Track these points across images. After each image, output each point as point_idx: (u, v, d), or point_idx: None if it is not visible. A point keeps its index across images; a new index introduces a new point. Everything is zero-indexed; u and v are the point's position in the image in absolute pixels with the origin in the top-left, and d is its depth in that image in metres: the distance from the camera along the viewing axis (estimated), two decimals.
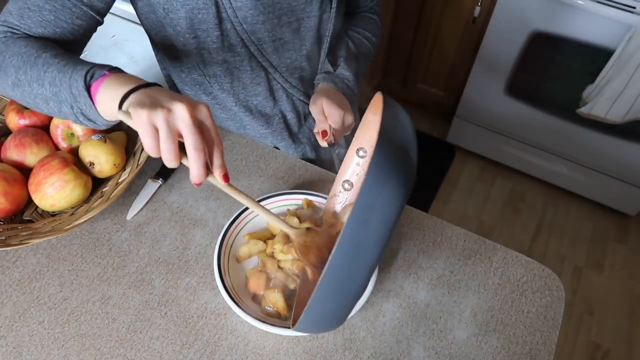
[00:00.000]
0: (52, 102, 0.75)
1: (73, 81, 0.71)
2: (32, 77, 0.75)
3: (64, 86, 0.72)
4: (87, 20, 0.84)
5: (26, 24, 0.80)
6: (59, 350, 0.78)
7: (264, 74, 1.04)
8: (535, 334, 0.81)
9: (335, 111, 0.94)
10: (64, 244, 0.90)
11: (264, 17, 0.93)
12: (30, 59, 0.76)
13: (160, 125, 0.62)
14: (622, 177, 2.08)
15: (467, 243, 0.92)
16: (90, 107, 0.71)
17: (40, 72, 0.74)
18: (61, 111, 0.75)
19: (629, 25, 1.60)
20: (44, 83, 0.74)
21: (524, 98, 2.06)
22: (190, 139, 0.62)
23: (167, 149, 0.62)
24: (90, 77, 0.71)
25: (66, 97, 0.72)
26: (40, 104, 0.77)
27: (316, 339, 0.80)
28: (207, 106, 0.65)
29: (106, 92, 0.69)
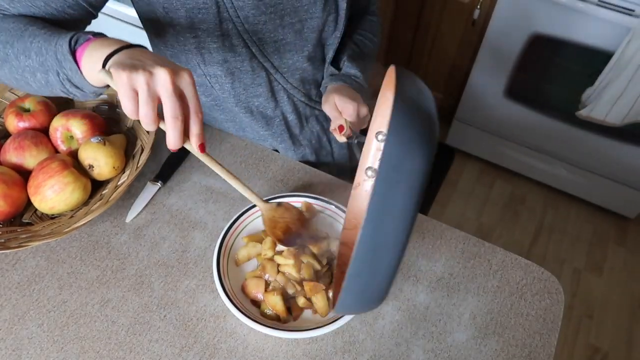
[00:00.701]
0: (39, 73, 0.74)
1: (58, 47, 0.71)
2: (19, 49, 0.74)
3: (50, 54, 0.72)
4: (78, 11, 0.83)
5: (15, 7, 0.80)
6: (58, 352, 0.77)
7: (265, 74, 1.04)
8: (534, 336, 0.81)
9: (349, 104, 0.94)
10: (63, 247, 0.90)
11: (265, 17, 0.93)
12: (17, 32, 0.75)
13: (140, 89, 0.62)
14: (622, 179, 2.08)
15: (467, 246, 0.92)
16: (76, 72, 0.71)
17: (27, 44, 0.74)
18: (48, 81, 0.75)
19: (628, 28, 1.60)
20: (31, 54, 0.73)
21: (523, 100, 2.06)
22: (169, 106, 0.63)
23: (145, 113, 0.63)
24: (75, 41, 0.71)
25: (52, 64, 0.72)
26: (28, 77, 0.76)
27: (315, 342, 0.80)
28: (189, 73, 0.65)
29: (91, 55, 0.69)
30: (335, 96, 0.96)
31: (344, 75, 1.04)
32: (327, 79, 1.06)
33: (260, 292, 0.81)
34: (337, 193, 0.95)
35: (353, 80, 1.03)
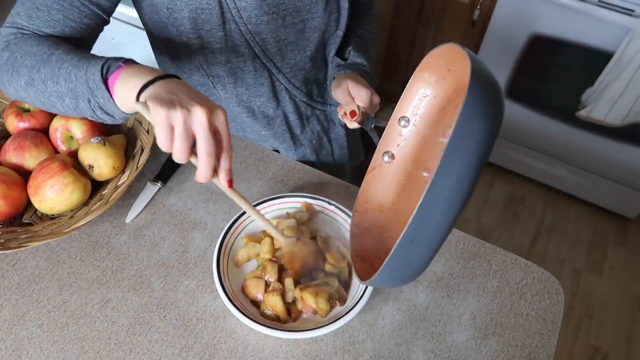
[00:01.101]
0: (68, 99, 0.75)
1: (90, 75, 0.71)
2: (47, 74, 0.75)
3: (80, 81, 0.72)
4: (94, 19, 0.84)
5: (35, 24, 0.80)
6: (58, 353, 0.77)
7: (268, 74, 1.04)
8: (534, 337, 0.81)
9: (363, 90, 0.93)
10: (63, 247, 0.90)
11: (268, 17, 0.93)
12: (43, 57, 0.76)
13: (177, 125, 0.63)
14: (622, 179, 2.08)
15: (467, 246, 0.92)
16: (109, 100, 0.71)
17: (55, 69, 0.74)
18: (77, 107, 0.76)
19: (628, 28, 1.60)
20: (59, 80, 0.74)
21: (523, 101, 2.06)
22: (204, 145, 0.64)
23: (179, 148, 0.64)
24: (107, 69, 0.72)
25: (83, 92, 0.73)
26: (55, 102, 0.77)
27: (315, 342, 0.80)
28: (224, 112, 0.67)
29: (124, 84, 0.70)
30: (349, 82, 0.95)
31: (351, 64, 1.04)
32: (334, 70, 1.06)
33: (260, 292, 0.81)
34: (337, 193, 0.95)
35: (361, 69, 1.03)
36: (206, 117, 0.64)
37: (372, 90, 0.96)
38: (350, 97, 0.95)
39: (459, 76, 0.71)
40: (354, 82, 0.94)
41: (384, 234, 0.80)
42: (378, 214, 0.84)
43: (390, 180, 0.84)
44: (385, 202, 0.84)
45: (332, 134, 1.21)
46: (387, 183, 0.84)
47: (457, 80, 0.71)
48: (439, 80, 0.75)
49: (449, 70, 0.72)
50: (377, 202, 0.84)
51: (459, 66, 0.68)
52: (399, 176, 0.83)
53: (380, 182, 0.84)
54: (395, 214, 0.82)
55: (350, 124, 0.95)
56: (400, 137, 0.83)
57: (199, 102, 0.64)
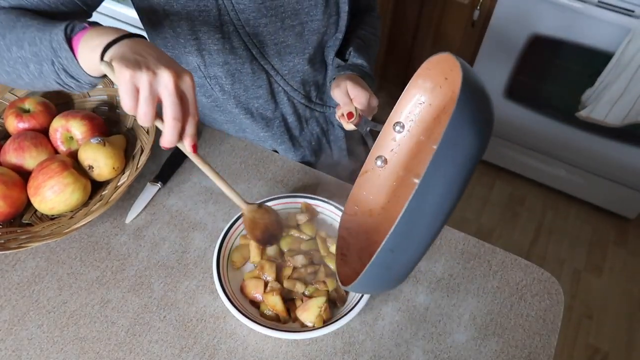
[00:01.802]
0: (33, 64, 0.73)
1: (53, 35, 0.70)
2: (11, 40, 0.73)
3: (44, 43, 0.71)
4: (71, 8, 0.82)
5: (8, 1, 0.79)
6: (57, 353, 0.77)
7: (266, 76, 1.04)
8: (534, 337, 0.81)
9: (362, 93, 0.93)
10: (63, 248, 0.90)
11: (266, 19, 0.93)
12: (9, 24, 0.74)
13: (142, 87, 0.62)
14: (621, 180, 2.08)
15: (466, 246, 0.92)
16: (72, 60, 0.70)
17: (19, 34, 0.73)
18: (42, 72, 0.74)
19: (627, 28, 1.60)
20: (23, 44, 0.73)
21: (523, 101, 2.06)
22: (170, 108, 0.63)
23: (144, 111, 0.63)
24: (71, 30, 0.70)
25: (47, 54, 0.71)
26: (20, 69, 0.75)
27: (315, 343, 0.80)
28: (191, 76, 0.66)
29: (87, 43, 0.68)
30: (349, 83, 0.95)
31: (351, 65, 1.04)
32: (334, 71, 1.06)
33: (259, 292, 0.81)
34: (337, 194, 0.95)
35: (361, 70, 1.03)
36: (173, 80, 0.62)
37: (371, 92, 0.95)
38: (348, 99, 0.94)
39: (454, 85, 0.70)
40: (353, 84, 0.94)
41: (371, 239, 0.80)
42: (367, 217, 0.84)
43: (382, 185, 0.84)
44: (375, 206, 0.84)
45: (332, 136, 1.21)
46: (378, 187, 0.84)
47: (453, 88, 0.71)
48: (435, 88, 0.75)
49: (445, 79, 0.72)
50: (367, 206, 0.84)
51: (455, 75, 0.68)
52: (390, 181, 0.83)
53: (371, 186, 0.84)
54: (384, 218, 0.82)
55: (347, 125, 0.95)
56: (394, 143, 0.83)
57: (166, 64, 0.63)
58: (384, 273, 0.60)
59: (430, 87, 0.75)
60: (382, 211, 0.83)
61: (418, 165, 0.79)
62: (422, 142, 0.79)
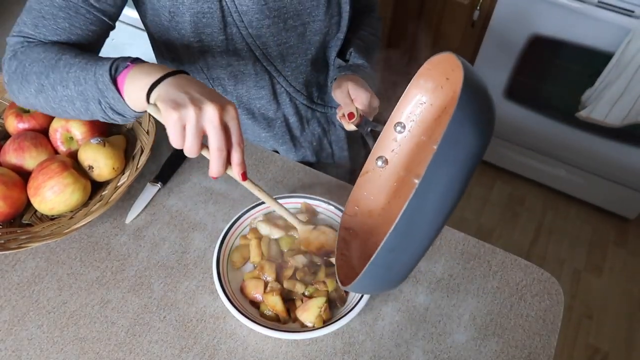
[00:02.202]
0: (78, 102, 0.75)
1: (98, 76, 0.72)
2: (55, 80, 0.75)
3: (89, 83, 0.73)
4: (100, 26, 0.84)
5: (41, 32, 0.80)
6: (57, 354, 0.77)
7: (268, 77, 1.04)
8: (534, 337, 0.81)
9: (363, 93, 0.94)
10: (63, 248, 0.90)
11: (269, 21, 0.93)
12: (50, 62, 0.76)
13: (189, 124, 0.64)
14: (621, 180, 2.08)
15: (466, 247, 0.92)
16: (119, 100, 0.72)
17: (63, 74, 0.75)
18: (88, 109, 0.76)
19: (627, 29, 1.60)
20: (68, 84, 0.74)
21: (523, 101, 2.06)
22: (215, 141, 0.65)
23: (191, 145, 0.65)
24: (115, 69, 0.72)
25: (93, 94, 0.73)
26: (66, 106, 0.77)
27: (315, 343, 0.80)
28: (234, 107, 0.67)
29: (133, 82, 0.70)
30: (350, 83, 0.96)
31: (352, 66, 1.04)
32: (335, 71, 1.06)
33: (259, 292, 0.81)
34: (337, 194, 0.95)
35: (362, 70, 1.03)
36: (217, 114, 0.64)
37: (372, 93, 0.96)
38: (349, 99, 0.95)
39: (456, 85, 0.70)
40: (355, 84, 0.95)
41: (371, 239, 0.80)
42: (367, 218, 0.84)
43: (382, 186, 0.84)
44: (375, 207, 0.84)
45: (333, 136, 1.21)
46: (378, 188, 0.84)
47: (454, 89, 0.71)
48: (436, 88, 0.75)
49: (447, 79, 0.72)
50: (368, 207, 0.84)
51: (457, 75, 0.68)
52: (391, 182, 0.83)
53: (372, 186, 0.84)
54: (384, 219, 0.82)
55: (348, 125, 0.95)
56: (395, 143, 0.83)
57: (210, 99, 0.65)
58: (384, 273, 0.60)
59: (431, 87, 0.75)
60: (382, 212, 0.83)
61: (419, 166, 0.79)
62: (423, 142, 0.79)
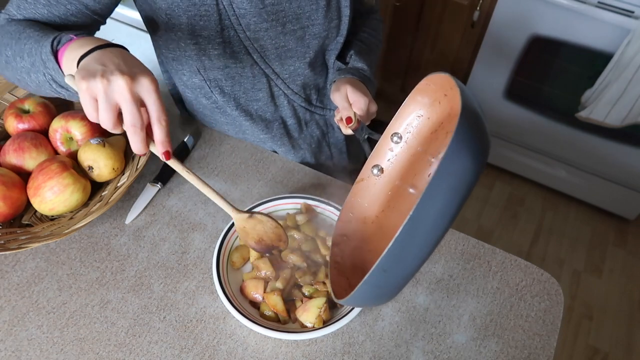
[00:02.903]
0: (32, 74, 0.76)
1: (42, 48, 0.72)
2: (16, 51, 0.76)
3: (37, 55, 0.73)
4: (82, 18, 0.84)
5: (21, 14, 0.82)
6: (57, 354, 0.77)
7: (266, 80, 1.04)
8: (534, 338, 0.81)
9: (361, 98, 0.93)
10: (62, 248, 0.90)
11: (267, 24, 0.93)
12: (16, 34, 0.78)
13: (98, 97, 0.62)
14: (621, 181, 2.08)
15: (466, 247, 0.92)
16: (58, 72, 0.72)
17: (22, 45, 0.76)
18: (39, 82, 0.76)
19: (627, 29, 1.60)
20: (24, 55, 0.75)
21: (522, 102, 2.06)
22: (126, 115, 0.63)
23: (104, 119, 0.63)
24: (58, 42, 0.72)
25: (39, 65, 0.73)
26: (25, 78, 0.78)
27: (315, 343, 0.80)
28: (150, 78, 0.64)
29: (69, 55, 0.69)
30: (349, 87, 0.95)
31: (352, 69, 1.04)
32: (334, 74, 1.06)
33: (259, 293, 0.81)
34: (337, 194, 0.95)
35: (361, 74, 1.03)
36: (127, 86, 0.61)
37: (370, 98, 0.96)
38: (347, 103, 0.94)
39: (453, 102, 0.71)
40: (353, 88, 0.94)
41: (364, 247, 0.81)
42: (361, 225, 0.84)
43: (377, 194, 0.84)
44: (369, 214, 0.84)
45: (331, 139, 1.21)
46: (373, 196, 0.84)
47: (452, 105, 0.72)
48: (434, 103, 0.76)
49: (445, 95, 0.72)
50: (362, 214, 0.84)
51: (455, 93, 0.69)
52: (385, 190, 0.84)
53: (366, 194, 0.85)
54: (378, 227, 0.82)
55: (345, 130, 0.95)
56: (391, 153, 0.83)
57: (122, 71, 0.62)
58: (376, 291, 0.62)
59: (428, 102, 0.76)
60: (376, 220, 0.83)
61: (414, 176, 0.79)
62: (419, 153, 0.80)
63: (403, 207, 0.79)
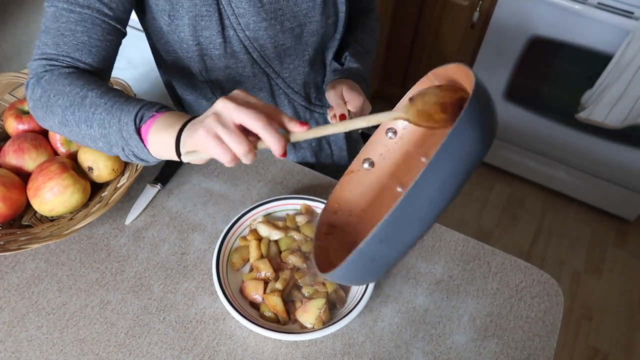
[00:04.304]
0: (101, 142, 0.75)
1: (123, 125, 0.71)
2: (80, 118, 0.75)
3: (114, 129, 0.72)
4: (115, 34, 0.84)
5: (63, 50, 0.80)
6: (57, 355, 0.77)
7: (266, 79, 1.04)
8: (534, 339, 0.81)
9: (356, 97, 0.95)
10: (62, 249, 0.90)
11: (266, 23, 0.93)
12: (76, 99, 0.75)
13: (218, 131, 0.61)
14: (621, 182, 2.08)
15: (466, 248, 0.92)
16: (142, 150, 0.71)
17: (89, 114, 0.74)
18: (111, 151, 0.76)
19: (627, 30, 1.60)
20: (93, 125, 0.74)
21: (522, 103, 2.07)
22: (247, 117, 0.61)
23: (236, 144, 0.61)
24: (140, 119, 0.71)
25: (117, 140, 0.73)
26: (89, 143, 0.77)
27: (315, 344, 0.80)
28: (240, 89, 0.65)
29: (158, 137, 0.69)
30: (344, 86, 0.97)
31: (347, 70, 1.05)
32: (330, 74, 1.06)
33: (259, 293, 0.81)
34: None
35: (356, 75, 1.04)
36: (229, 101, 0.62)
37: (365, 98, 0.97)
38: (342, 101, 0.96)
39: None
40: (349, 87, 0.96)
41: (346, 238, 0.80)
42: (347, 217, 0.84)
43: (365, 188, 0.84)
44: (355, 207, 0.84)
45: (332, 137, 1.21)
46: (361, 189, 0.84)
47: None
48: None
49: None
50: (348, 206, 0.84)
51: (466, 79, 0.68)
52: (374, 185, 0.83)
53: (355, 186, 0.84)
54: (361, 220, 0.82)
55: None
56: (384, 148, 0.83)
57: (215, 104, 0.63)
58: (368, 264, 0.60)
59: None
60: (361, 213, 0.83)
61: (404, 175, 0.79)
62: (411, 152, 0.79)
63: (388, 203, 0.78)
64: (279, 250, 0.87)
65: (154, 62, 1.13)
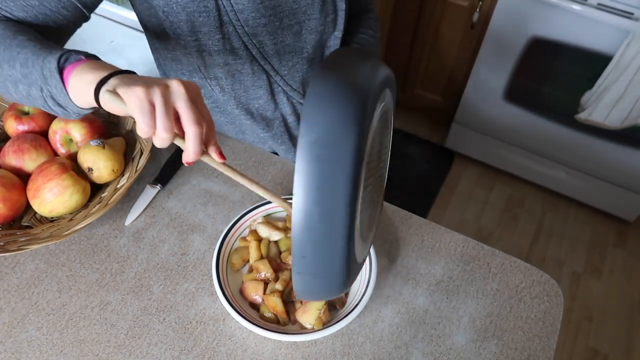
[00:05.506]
0: (22, 85, 0.73)
1: (46, 62, 0.69)
2: (4, 57, 0.73)
3: (36, 67, 0.70)
4: (72, 12, 0.82)
5: (8, 6, 0.78)
6: (57, 356, 0.77)
7: (266, 76, 1.04)
8: (533, 339, 0.81)
9: None
10: (62, 250, 0.90)
11: (265, 19, 0.94)
12: (5, 40, 0.74)
13: (157, 101, 0.61)
14: (621, 182, 2.08)
15: (466, 249, 0.92)
16: (61, 90, 0.69)
17: (14, 53, 0.73)
18: (30, 95, 0.74)
19: (627, 31, 1.60)
20: (15, 64, 0.72)
21: (522, 103, 2.07)
22: (189, 114, 0.62)
23: (164, 125, 0.61)
24: (65, 60, 0.70)
25: (36, 78, 0.71)
26: (9, 87, 0.75)
27: (314, 345, 0.80)
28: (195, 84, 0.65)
29: (81, 76, 0.67)
30: None
31: None
32: None
33: (258, 294, 0.81)
34: None
35: None
36: (184, 87, 0.62)
37: None
38: None
39: None
40: None
41: None
42: None
43: None
44: None
45: None
46: None
47: None
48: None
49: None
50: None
51: None
52: None
53: None
54: None
55: None
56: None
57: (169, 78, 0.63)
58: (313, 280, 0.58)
59: None
60: None
61: None
62: None
63: None
64: (279, 250, 0.87)
65: (154, 63, 1.13)
